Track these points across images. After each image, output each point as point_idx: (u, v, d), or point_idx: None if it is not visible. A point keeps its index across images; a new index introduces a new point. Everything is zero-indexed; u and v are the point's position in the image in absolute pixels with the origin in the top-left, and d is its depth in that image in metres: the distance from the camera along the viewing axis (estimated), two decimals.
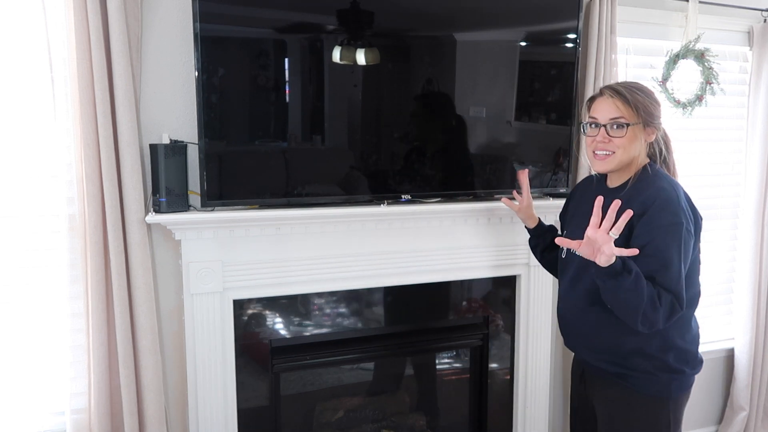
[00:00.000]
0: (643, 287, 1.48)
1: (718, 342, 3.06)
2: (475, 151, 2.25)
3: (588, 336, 1.76)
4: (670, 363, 1.66)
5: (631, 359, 1.68)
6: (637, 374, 1.68)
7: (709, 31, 2.66)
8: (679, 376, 1.68)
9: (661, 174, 1.68)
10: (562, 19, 2.30)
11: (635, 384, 1.69)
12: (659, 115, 1.70)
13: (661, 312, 1.51)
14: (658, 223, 1.54)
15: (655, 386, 1.68)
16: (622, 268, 1.48)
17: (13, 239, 1.94)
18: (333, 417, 2.45)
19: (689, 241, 1.57)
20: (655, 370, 1.67)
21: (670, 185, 1.63)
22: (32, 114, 1.90)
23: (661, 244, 1.53)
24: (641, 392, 1.69)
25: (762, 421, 3.08)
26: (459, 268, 2.33)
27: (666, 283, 1.52)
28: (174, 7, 1.95)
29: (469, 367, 2.58)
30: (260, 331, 2.16)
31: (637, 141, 1.66)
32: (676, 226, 1.54)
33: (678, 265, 1.53)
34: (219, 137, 1.92)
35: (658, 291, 1.51)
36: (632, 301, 1.50)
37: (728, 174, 2.96)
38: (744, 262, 2.94)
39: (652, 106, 1.67)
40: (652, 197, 1.58)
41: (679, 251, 1.54)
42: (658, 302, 1.50)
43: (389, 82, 2.13)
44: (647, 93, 1.69)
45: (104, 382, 1.93)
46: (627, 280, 1.48)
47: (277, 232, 2.05)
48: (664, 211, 1.55)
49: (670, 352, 1.66)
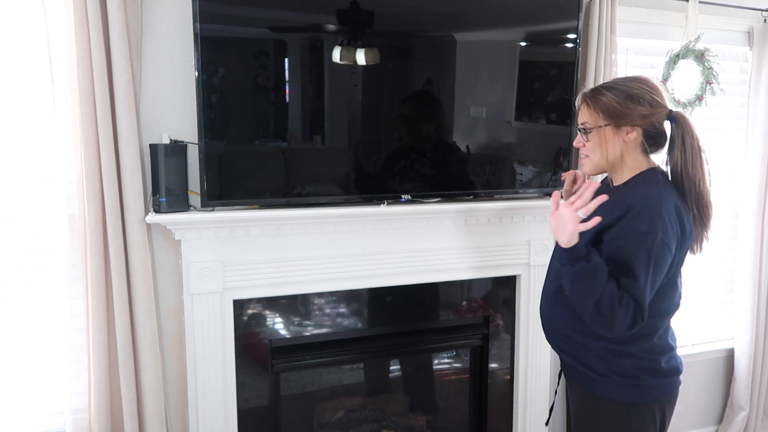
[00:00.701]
0: (600, 282, 1.45)
1: (718, 342, 3.06)
2: (475, 151, 2.25)
3: (551, 322, 1.75)
4: (627, 369, 1.62)
5: (594, 361, 1.64)
6: (594, 375, 1.65)
7: (709, 31, 2.66)
8: (637, 383, 1.62)
9: (652, 181, 1.60)
10: (562, 19, 2.30)
11: (591, 386, 1.67)
12: (637, 113, 1.57)
13: (620, 315, 1.46)
14: (631, 230, 1.51)
15: (612, 389, 1.63)
16: (584, 255, 1.47)
17: (13, 239, 1.94)
18: (333, 417, 2.45)
19: (663, 252, 1.51)
20: (612, 373, 1.62)
21: (657, 193, 1.56)
22: (32, 114, 1.90)
23: (630, 251, 1.49)
24: (597, 394, 1.65)
25: (762, 421, 3.08)
26: (459, 268, 2.32)
27: (630, 291, 1.47)
28: (174, 7, 1.95)
29: (469, 367, 2.58)
30: (260, 331, 2.16)
31: (610, 142, 1.60)
32: (648, 236, 1.49)
33: (643, 276, 1.48)
34: (219, 137, 1.92)
35: (621, 293, 1.46)
36: (584, 291, 1.48)
37: (728, 174, 2.95)
38: (744, 262, 2.94)
39: (622, 105, 1.57)
40: (633, 203, 1.54)
41: (647, 262, 1.48)
42: (618, 304, 1.45)
43: (389, 82, 2.13)
44: (619, 92, 1.59)
45: (104, 382, 1.93)
46: (585, 267, 1.46)
47: (277, 232, 2.05)
48: (638, 219, 1.51)
49: (627, 359, 1.61)
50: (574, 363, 1.70)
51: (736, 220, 3.00)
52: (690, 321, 2.97)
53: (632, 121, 1.58)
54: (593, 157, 1.65)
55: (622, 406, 1.63)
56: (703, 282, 3.00)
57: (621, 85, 1.61)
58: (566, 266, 1.50)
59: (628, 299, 1.46)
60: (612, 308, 1.45)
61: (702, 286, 3.00)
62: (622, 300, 1.46)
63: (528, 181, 2.35)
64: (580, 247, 1.48)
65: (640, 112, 1.57)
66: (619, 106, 1.57)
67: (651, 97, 1.58)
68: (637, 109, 1.57)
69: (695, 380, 3.03)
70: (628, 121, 1.58)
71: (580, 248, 1.48)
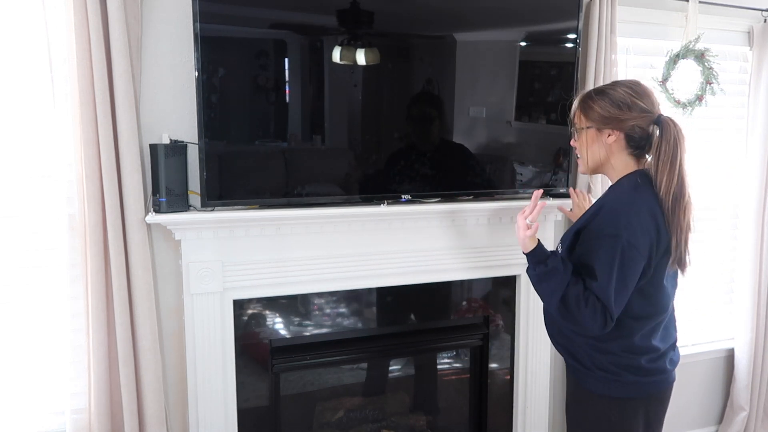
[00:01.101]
0: (559, 283, 1.57)
1: (718, 342, 3.06)
2: (475, 151, 2.25)
3: (552, 328, 1.82)
4: (607, 365, 1.67)
5: (578, 353, 1.71)
6: (580, 367, 1.71)
7: (709, 31, 2.66)
8: (617, 378, 1.66)
9: (629, 183, 1.63)
10: (562, 19, 2.30)
11: (579, 377, 1.73)
12: (618, 118, 1.61)
13: (586, 315, 1.54)
14: (597, 233, 1.58)
15: (594, 382, 1.69)
16: (543, 259, 1.61)
17: (13, 239, 1.94)
18: (333, 417, 2.45)
19: (631, 254, 1.54)
20: (594, 367, 1.68)
21: (629, 195, 1.59)
22: (32, 114, 1.90)
23: (593, 253, 1.57)
24: (583, 386, 1.72)
25: (762, 421, 3.08)
26: (459, 268, 2.33)
27: (597, 291, 1.55)
28: (174, 7, 1.95)
29: (469, 367, 2.58)
30: (260, 331, 2.16)
31: (594, 144, 1.67)
32: (612, 238, 1.54)
33: (605, 277, 1.53)
34: (219, 137, 1.92)
35: (588, 294, 1.55)
36: (546, 291, 1.61)
37: (728, 174, 2.95)
38: (744, 262, 2.94)
39: (604, 109, 1.62)
40: (603, 204, 1.62)
41: (609, 263, 1.53)
42: (584, 304, 1.54)
43: (389, 82, 2.13)
44: (605, 95, 1.64)
45: (104, 382, 1.93)
46: (543, 270, 1.60)
47: (277, 232, 2.05)
48: (604, 221, 1.58)
49: (607, 355, 1.66)
50: (566, 355, 1.77)
51: (736, 220, 3.00)
52: (690, 321, 2.98)
53: (612, 125, 1.63)
54: (581, 158, 1.73)
55: (603, 399, 1.69)
56: (703, 282, 3.00)
57: (609, 89, 1.66)
58: (529, 269, 1.67)
59: (594, 300, 1.54)
60: (577, 307, 1.55)
61: (702, 286, 3.00)
62: (588, 300, 1.54)
63: (528, 181, 2.35)
64: (538, 251, 1.64)
65: (619, 117, 1.62)
66: (601, 110, 1.63)
67: (634, 102, 1.61)
68: (618, 113, 1.62)
69: (695, 380, 3.03)
70: (608, 125, 1.63)
71: (538, 252, 1.64)
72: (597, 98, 1.65)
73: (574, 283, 1.57)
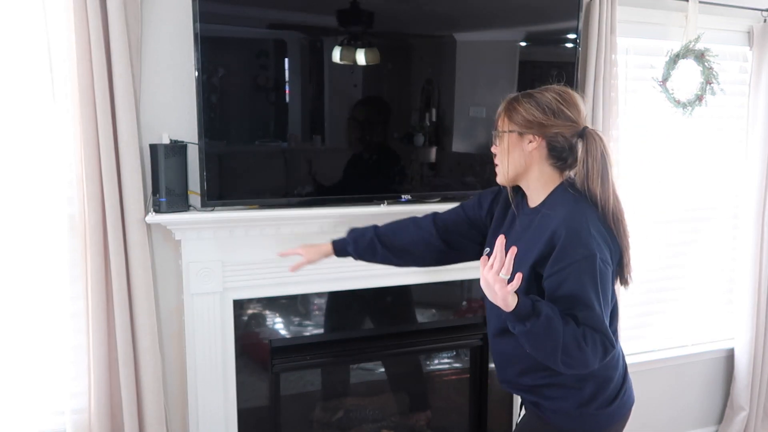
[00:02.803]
0: (556, 329, 1.33)
1: (718, 342, 3.06)
2: (475, 151, 2.25)
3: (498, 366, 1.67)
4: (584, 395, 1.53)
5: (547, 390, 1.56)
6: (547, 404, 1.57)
7: (709, 31, 2.66)
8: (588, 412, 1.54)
9: (567, 198, 1.50)
10: (562, 19, 2.30)
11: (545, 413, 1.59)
12: (540, 122, 1.49)
13: (589, 352, 1.36)
14: (570, 260, 1.40)
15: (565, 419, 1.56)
16: (531, 311, 1.34)
17: (14, 239, 1.93)
18: (333, 417, 2.45)
19: (606, 272, 1.42)
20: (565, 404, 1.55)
21: (578, 211, 1.46)
22: (32, 114, 1.90)
23: (576, 283, 1.39)
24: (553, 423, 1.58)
25: (762, 421, 3.08)
26: (459, 268, 2.30)
27: (590, 323, 1.37)
28: (174, 7, 1.95)
29: (469, 367, 2.58)
30: (260, 331, 2.16)
31: (515, 151, 1.53)
32: (588, 259, 1.39)
33: (596, 302, 1.38)
34: (219, 137, 1.92)
35: (583, 330, 1.36)
36: (546, 345, 1.36)
37: (728, 174, 2.95)
38: (744, 262, 2.94)
39: (529, 112, 1.50)
40: (559, 231, 1.43)
41: (595, 286, 1.39)
42: (583, 342, 1.35)
43: (389, 82, 2.13)
44: (532, 98, 1.52)
45: (104, 382, 1.93)
46: (536, 324, 1.33)
47: (276, 232, 2.05)
48: (572, 245, 1.40)
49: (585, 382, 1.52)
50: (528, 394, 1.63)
51: (736, 220, 2.99)
52: (690, 321, 2.98)
53: (535, 129, 1.50)
54: (501, 165, 1.58)
55: None
56: (703, 282, 3.00)
57: (537, 93, 1.53)
58: (517, 327, 1.36)
59: (591, 333, 1.37)
60: (580, 349, 1.35)
61: (702, 286, 3.00)
62: (586, 337, 1.36)
63: None
64: (522, 304, 1.33)
65: (543, 122, 1.49)
66: (525, 113, 1.51)
67: (560, 109, 1.50)
68: (543, 118, 1.49)
69: (695, 380, 3.03)
70: (530, 130, 1.51)
71: (523, 306, 1.33)
72: (523, 101, 1.53)
73: (565, 324, 1.35)
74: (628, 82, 2.63)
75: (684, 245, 2.91)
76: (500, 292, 1.31)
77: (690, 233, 2.92)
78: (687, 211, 2.90)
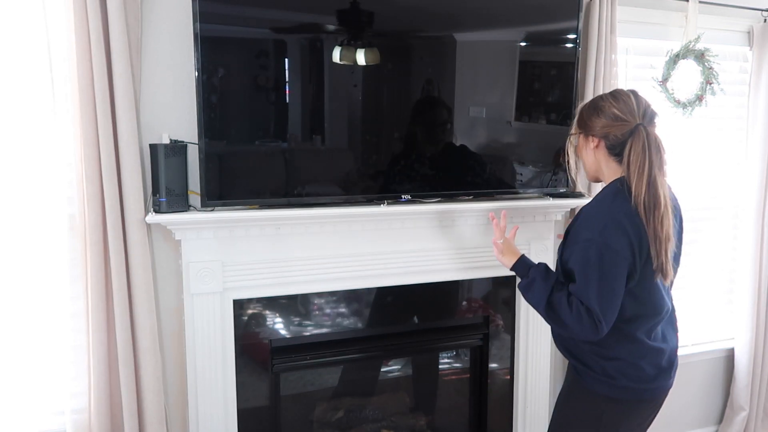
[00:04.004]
0: (538, 289, 1.68)
1: (718, 342, 3.06)
2: (475, 151, 2.25)
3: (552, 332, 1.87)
4: (608, 371, 1.69)
5: (580, 352, 1.74)
6: (581, 367, 1.74)
7: (709, 31, 2.66)
8: (617, 383, 1.68)
9: (609, 190, 1.68)
10: (562, 19, 2.30)
11: (580, 374, 1.75)
12: (596, 125, 1.68)
13: (567, 315, 1.61)
14: (575, 239, 1.65)
15: (593, 383, 1.71)
16: (524, 272, 1.77)
17: (14, 239, 1.93)
18: (333, 417, 2.45)
19: (611, 257, 1.56)
20: (594, 369, 1.71)
21: (606, 201, 1.65)
22: (32, 114, 1.90)
23: (575, 259, 1.62)
24: (584, 385, 1.74)
25: (762, 421, 3.08)
26: (459, 268, 2.33)
27: (577, 295, 1.60)
28: (174, 7, 1.95)
29: (469, 367, 2.58)
30: (260, 331, 2.16)
31: (583, 150, 1.75)
32: (587, 241, 1.59)
33: (584, 279, 1.59)
34: (219, 137, 1.92)
35: (572, 300, 1.61)
36: (531, 300, 1.72)
37: (728, 174, 2.95)
38: (744, 262, 2.94)
39: (586, 117, 1.72)
40: (580, 213, 1.71)
41: (586, 265, 1.59)
42: (565, 307, 1.61)
43: (389, 82, 2.13)
44: (590, 104, 1.73)
45: (104, 382, 1.93)
46: (524, 282, 1.74)
47: (276, 232, 2.05)
48: (582, 227, 1.65)
49: (612, 362, 1.68)
50: (569, 356, 1.80)
51: (737, 220, 2.99)
52: (690, 321, 2.97)
53: (593, 131, 1.70)
54: (583, 165, 1.80)
55: (599, 398, 1.71)
56: (703, 282, 3.00)
57: (597, 98, 1.74)
58: (519, 282, 1.79)
59: (577, 303, 1.60)
60: (561, 310, 1.62)
61: (702, 286, 3.00)
62: (572, 304, 1.60)
63: (528, 181, 2.35)
64: (519, 265, 1.80)
65: (597, 124, 1.68)
66: (585, 116, 1.72)
67: (612, 111, 1.65)
68: (596, 120, 1.68)
69: (695, 380, 3.03)
70: (590, 132, 1.71)
71: (519, 266, 1.80)
72: (585, 106, 1.75)
73: (559, 289, 1.65)
74: (628, 82, 2.63)
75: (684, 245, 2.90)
76: (496, 254, 1.87)
77: (690, 233, 2.91)
78: (687, 211, 2.87)
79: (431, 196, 2.20)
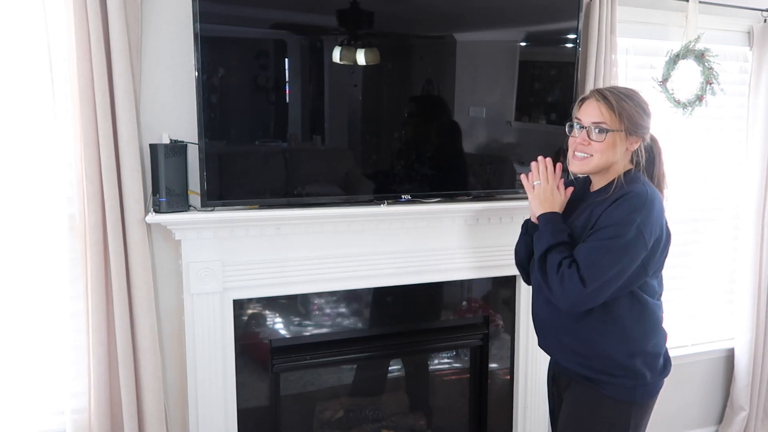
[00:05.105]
0: (541, 241, 1.66)
1: (718, 342, 3.06)
2: (475, 152, 2.25)
3: (558, 335, 1.77)
4: (637, 368, 1.65)
5: (599, 361, 1.67)
6: (603, 377, 1.67)
7: (709, 31, 2.66)
8: (645, 382, 1.67)
9: (640, 178, 1.66)
10: (562, 19, 2.30)
11: (601, 385, 1.68)
12: (646, 126, 1.67)
13: (551, 272, 1.60)
14: (609, 216, 1.58)
15: (621, 390, 1.66)
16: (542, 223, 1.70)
17: (14, 239, 1.93)
18: (333, 417, 2.45)
19: (635, 241, 1.55)
20: (622, 374, 1.65)
21: (647, 190, 1.61)
22: (32, 114, 1.90)
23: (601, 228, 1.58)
24: (607, 394, 1.67)
25: (762, 421, 3.08)
26: (459, 268, 2.32)
27: (580, 255, 1.57)
28: (174, 7, 1.95)
29: (469, 367, 2.58)
30: (260, 331, 2.16)
31: (616, 148, 1.64)
32: (624, 220, 1.55)
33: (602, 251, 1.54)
34: (219, 137, 1.92)
35: (567, 258, 1.59)
36: (535, 248, 1.70)
37: (728, 174, 2.95)
38: (744, 262, 2.94)
39: (638, 116, 1.63)
40: (624, 194, 1.60)
41: (612, 241, 1.54)
42: (554, 264, 1.59)
43: (389, 82, 2.13)
44: (636, 102, 1.65)
45: (104, 382, 1.93)
46: (537, 231, 1.71)
47: (277, 232, 2.05)
48: (620, 208, 1.57)
49: (637, 358, 1.65)
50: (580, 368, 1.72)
51: (737, 220, 2.99)
52: (690, 321, 2.97)
53: (641, 131, 1.66)
54: (597, 159, 1.66)
55: (623, 405, 1.68)
56: (703, 282, 3.00)
57: (634, 95, 1.67)
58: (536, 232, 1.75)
59: (570, 263, 1.58)
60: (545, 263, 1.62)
61: (702, 286, 3.00)
62: (562, 264, 1.58)
63: None
64: (542, 217, 1.71)
65: (646, 125, 1.67)
66: (637, 116, 1.64)
67: (649, 110, 1.68)
68: (647, 121, 1.67)
69: (695, 380, 3.03)
70: (638, 132, 1.65)
71: (541, 218, 1.71)
72: (632, 103, 1.64)
73: (560, 251, 1.61)
74: (628, 82, 2.63)
75: (684, 245, 2.90)
76: (529, 198, 1.77)
77: (690, 233, 2.92)
78: (687, 211, 2.89)
79: (431, 196, 2.20)
